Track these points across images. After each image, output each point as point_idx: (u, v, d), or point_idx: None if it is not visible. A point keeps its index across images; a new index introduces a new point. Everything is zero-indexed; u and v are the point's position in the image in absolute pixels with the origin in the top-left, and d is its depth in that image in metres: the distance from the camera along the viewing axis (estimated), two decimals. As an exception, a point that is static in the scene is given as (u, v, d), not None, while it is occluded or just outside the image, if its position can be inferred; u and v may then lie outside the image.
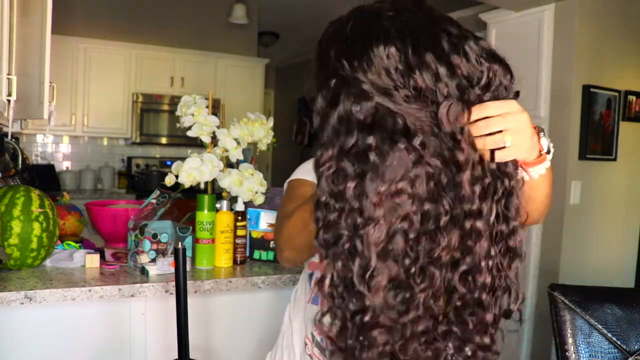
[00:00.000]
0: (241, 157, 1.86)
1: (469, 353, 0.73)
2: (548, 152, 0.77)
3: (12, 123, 1.43)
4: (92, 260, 1.69)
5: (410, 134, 0.67)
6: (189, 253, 1.74)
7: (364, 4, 0.77)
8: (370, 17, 0.73)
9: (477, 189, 0.69)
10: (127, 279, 1.58)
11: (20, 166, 2.70)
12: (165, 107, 4.91)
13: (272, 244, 1.83)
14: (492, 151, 0.70)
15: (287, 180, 1.18)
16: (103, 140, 5.11)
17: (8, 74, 1.37)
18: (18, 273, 1.60)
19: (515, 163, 0.73)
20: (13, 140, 2.82)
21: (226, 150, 1.85)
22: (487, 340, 0.73)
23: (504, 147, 0.69)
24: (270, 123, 1.91)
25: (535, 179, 0.79)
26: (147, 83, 4.87)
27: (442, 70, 0.68)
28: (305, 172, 1.13)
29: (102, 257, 1.75)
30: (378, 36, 0.70)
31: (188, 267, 1.66)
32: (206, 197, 1.75)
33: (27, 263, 1.62)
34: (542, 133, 0.76)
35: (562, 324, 1.47)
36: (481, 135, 0.69)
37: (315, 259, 1.07)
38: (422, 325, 0.70)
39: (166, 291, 1.56)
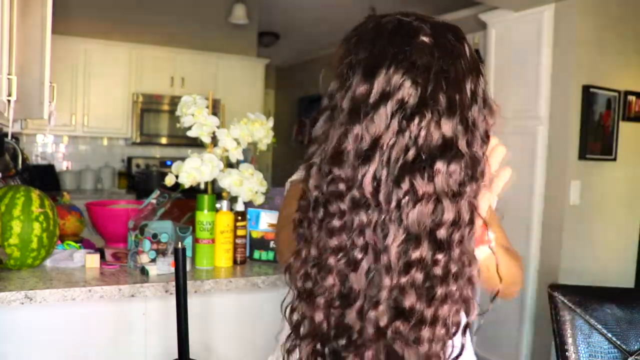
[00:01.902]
0: (241, 157, 1.87)
1: None
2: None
3: (12, 123, 1.43)
4: (92, 260, 1.69)
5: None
6: (189, 253, 1.74)
7: (401, 18, 0.72)
8: (402, 37, 0.69)
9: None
10: (127, 279, 1.58)
11: (20, 166, 2.70)
12: (165, 107, 4.91)
13: (272, 244, 1.83)
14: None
15: (289, 180, 1.17)
16: (103, 140, 5.10)
17: (8, 74, 1.37)
18: (18, 273, 1.60)
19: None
20: (13, 140, 2.82)
21: (226, 150, 1.85)
22: None
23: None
24: (270, 123, 1.91)
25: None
26: (147, 83, 4.87)
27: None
28: None
29: (102, 257, 1.75)
30: (400, 64, 0.66)
31: (188, 267, 1.66)
32: (206, 197, 1.75)
33: (27, 263, 1.62)
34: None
35: (562, 324, 1.47)
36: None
37: None
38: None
39: (166, 291, 1.56)
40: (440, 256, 0.64)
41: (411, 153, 0.64)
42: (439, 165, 0.63)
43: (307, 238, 0.70)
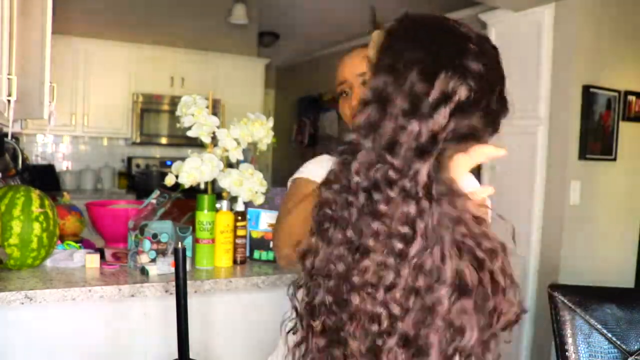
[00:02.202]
0: (241, 157, 1.86)
1: None
2: None
3: (12, 123, 1.43)
4: (92, 260, 1.69)
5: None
6: (189, 253, 1.74)
7: (447, 23, 0.77)
8: (455, 43, 0.74)
9: None
10: (127, 279, 1.58)
11: (20, 166, 2.70)
12: (165, 107, 4.91)
13: (272, 244, 1.83)
14: None
15: (291, 178, 1.17)
16: (103, 140, 5.10)
17: (8, 74, 1.36)
18: (18, 273, 1.60)
19: None
20: (13, 140, 2.82)
21: (226, 150, 1.85)
22: None
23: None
24: (270, 123, 1.91)
25: None
26: (147, 83, 4.87)
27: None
28: (310, 171, 1.13)
29: (102, 257, 1.75)
30: (457, 69, 0.72)
31: (188, 267, 1.67)
32: (206, 197, 1.75)
33: (27, 263, 1.62)
34: None
35: (562, 324, 1.47)
36: None
37: None
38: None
39: (166, 291, 1.56)
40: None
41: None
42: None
43: (342, 220, 0.73)
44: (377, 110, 0.73)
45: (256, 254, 1.85)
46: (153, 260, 1.66)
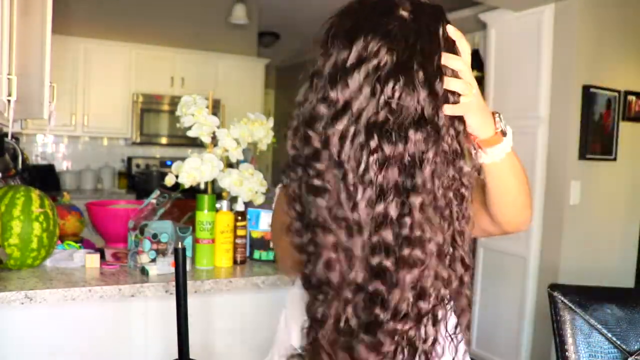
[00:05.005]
0: (241, 157, 1.87)
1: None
2: (504, 134, 0.79)
3: (12, 123, 1.43)
4: (92, 260, 1.69)
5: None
6: (189, 253, 1.74)
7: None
8: (386, 9, 0.73)
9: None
10: (127, 279, 1.58)
11: (20, 166, 2.70)
12: (165, 107, 4.91)
13: (272, 244, 1.83)
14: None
15: (280, 185, 1.17)
16: (103, 140, 5.10)
17: (8, 74, 1.37)
18: (18, 273, 1.60)
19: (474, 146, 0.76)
20: (13, 140, 2.82)
21: (226, 150, 1.85)
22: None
23: (456, 103, 0.71)
24: (270, 123, 1.91)
25: (496, 161, 0.79)
26: (147, 83, 4.87)
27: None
28: None
29: (102, 257, 1.76)
30: (379, 33, 0.71)
31: (188, 267, 1.66)
32: (206, 197, 1.75)
33: (27, 263, 1.62)
34: (498, 116, 0.79)
35: (562, 324, 1.47)
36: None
37: None
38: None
39: (166, 291, 1.56)
40: (407, 219, 0.69)
41: (381, 115, 0.68)
42: (408, 131, 0.68)
43: (292, 196, 0.76)
44: (309, 85, 0.75)
45: (256, 254, 1.85)
46: (153, 260, 1.66)
